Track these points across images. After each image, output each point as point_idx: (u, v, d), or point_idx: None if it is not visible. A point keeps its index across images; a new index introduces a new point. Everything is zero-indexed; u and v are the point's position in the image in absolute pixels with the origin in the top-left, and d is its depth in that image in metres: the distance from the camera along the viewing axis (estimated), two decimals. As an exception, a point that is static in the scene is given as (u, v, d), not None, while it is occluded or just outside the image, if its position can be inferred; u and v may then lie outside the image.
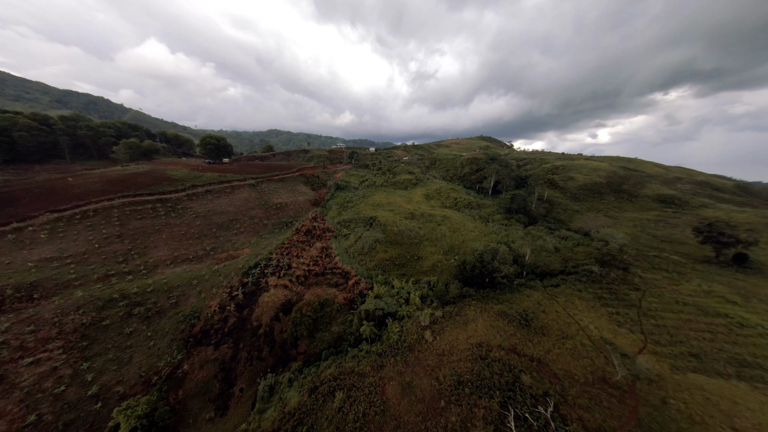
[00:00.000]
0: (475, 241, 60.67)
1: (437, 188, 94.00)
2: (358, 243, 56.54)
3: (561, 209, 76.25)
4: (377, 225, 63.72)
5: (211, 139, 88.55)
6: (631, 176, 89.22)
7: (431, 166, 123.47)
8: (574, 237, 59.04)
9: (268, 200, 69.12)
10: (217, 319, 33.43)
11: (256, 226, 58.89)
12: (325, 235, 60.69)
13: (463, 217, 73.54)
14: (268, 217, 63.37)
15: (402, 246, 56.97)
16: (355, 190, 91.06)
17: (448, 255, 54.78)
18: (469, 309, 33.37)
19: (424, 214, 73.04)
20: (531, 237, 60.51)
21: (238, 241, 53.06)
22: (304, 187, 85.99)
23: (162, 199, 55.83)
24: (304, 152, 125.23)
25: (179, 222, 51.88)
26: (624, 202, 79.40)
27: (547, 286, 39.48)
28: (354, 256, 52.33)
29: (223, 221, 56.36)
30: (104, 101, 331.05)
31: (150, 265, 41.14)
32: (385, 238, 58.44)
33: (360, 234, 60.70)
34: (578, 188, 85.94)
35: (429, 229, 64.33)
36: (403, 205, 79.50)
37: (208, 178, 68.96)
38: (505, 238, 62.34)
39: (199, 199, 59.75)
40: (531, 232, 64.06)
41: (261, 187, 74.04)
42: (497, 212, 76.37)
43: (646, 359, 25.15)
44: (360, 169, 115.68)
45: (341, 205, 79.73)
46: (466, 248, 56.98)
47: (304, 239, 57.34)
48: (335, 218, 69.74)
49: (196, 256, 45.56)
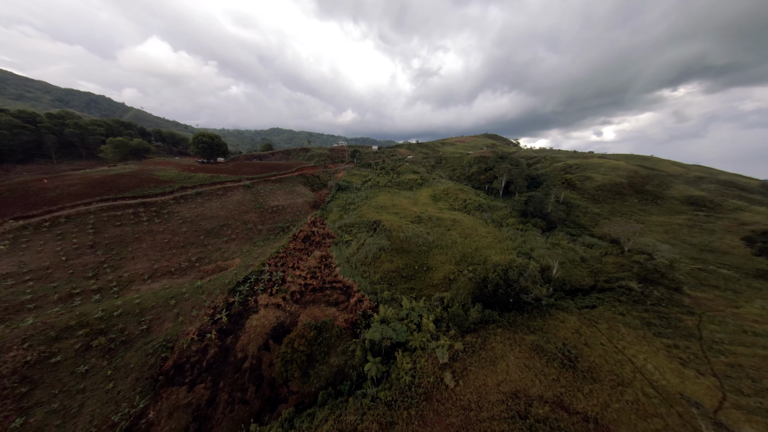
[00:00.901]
0: (489, 248, 54.72)
1: (444, 189, 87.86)
2: (361, 251, 50.84)
3: (580, 212, 69.87)
4: (381, 230, 57.95)
5: (203, 138, 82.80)
6: (654, 176, 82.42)
7: (437, 165, 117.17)
8: (600, 245, 52.77)
9: (263, 203, 63.53)
10: (194, 350, 27.94)
11: (249, 232, 53.35)
12: (325, 241, 55.04)
13: (474, 221, 67.47)
14: (263, 221, 57.80)
15: (409, 254, 51.18)
16: (358, 191, 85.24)
17: (461, 265, 48.92)
18: (495, 340, 27.56)
19: (431, 218, 67.12)
20: (552, 244, 54.38)
21: (228, 249, 47.54)
22: (304, 188, 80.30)
23: (146, 202, 50.39)
24: (304, 151, 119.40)
25: (163, 228, 46.42)
26: (649, 204, 72.81)
27: (581, 308, 33.51)
28: (356, 266, 46.65)
29: (213, 227, 50.85)
30: (105, 100, 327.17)
31: (124, 280, 35.73)
32: (391, 245, 52.68)
33: (363, 240, 54.99)
34: (596, 189, 79.37)
35: (438, 235, 58.44)
36: (408, 208, 73.59)
37: (199, 179, 63.46)
38: (522, 245, 56.28)
39: (187, 203, 54.27)
40: (551, 238, 57.91)
41: (256, 188, 68.45)
42: (511, 215, 70.19)
43: (734, 418, 19.27)
44: (362, 168, 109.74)
45: (342, 208, 74.00)
46: (480, 257, 51.10)
47: (301, 247, 51.73)
48: (336, 222, 64.07)
49: (179, 269, 40.09)
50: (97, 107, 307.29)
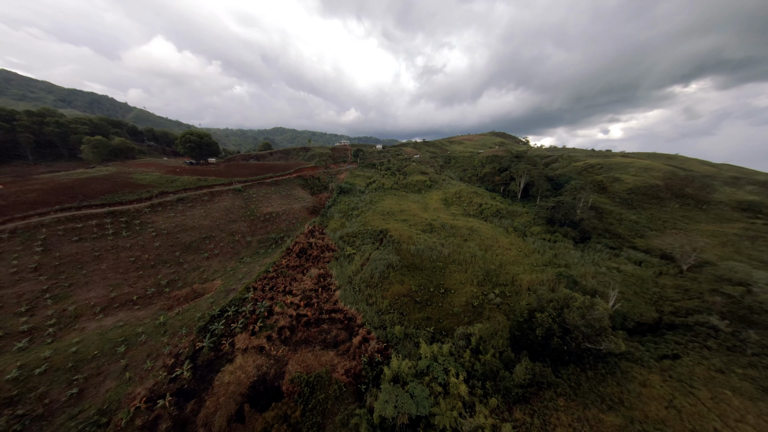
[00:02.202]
0: (515, 264, 46.17)
1: (456, 191, 79.17)
2: (366, 269, 42.66)
3: (614, 219, 60.77)
4: (389, 242, 49.68)
5: (191, 136, 74.84)
6: (694, 177, 72.76)
7: (445, 165, 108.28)
8: (651, 262, 43.85)
9: (255, 209, 55.57)
10: (139, 426, 20.09)
11: (236, 246, 45.43)
12: (324, 255, 46.94)
13: (493, 230, 58.85)
14: (253, 231, 49.85)
15: (422, 272, 42.87)
16: (361, 194, 76.98)
17: (485, 286, 40.51)
18: (559, 420, 19.21)
19: (445, 226, 58.64)
20: (593, 262, 45.61)
21: (208, 268, 39.68)
22: (302, 191, 72.24)
23: (115, 211, 42.70)
24: (304, 150, 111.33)
25: (131, 244, 38.69)
26: (692, 209, 63.42)
27: (660, 358, 24.91)
28: (360, 289, 38.49)
29: (193, 240, 43.02)
30: (108, 100, 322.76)
31: (67, 316, 27.99)
32: (400, 261, 44.39)
33: (368, 254, 46.80)
34: (629, 192, 70.04)
35: (454, 247, 49.99)
36: (418, 214, 65.18)
37: (182, 183, 55.70)
38: (554, 259, 47.61)
39: (165, 211, 46.50)
40: (588, 252, 49.07)
41: (248, 192, 60.53)
42: (535, 222, 61.40)
43: None
44: (366, 168, 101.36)
45: (345, 213, 65.85)
46: (507, 275, 42.62)
47: (296, 263, 43.70)
48: (337, 231, 55.95)
49: (144, 296, 32.28)
50: (99, 107, 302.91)
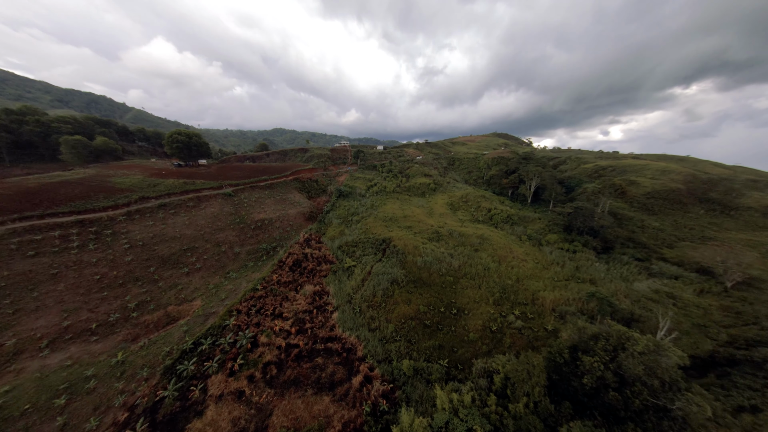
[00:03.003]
0: (534, 278, 41.09)
1: (463, 195, 74.11)
2: (368, 285, 37.53)
3: (635, 226, 55.74)
4: (393, 253, 44.57)
5: (179, 136, 69.39)
6: (717, 181, 67.78)
7: (449, 167, 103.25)
8: (687, 278, 38.78)
9: (246, 216, 50.40)
10: None
11: (222, 258, 40.27)
12: (321, 269, 41.79)
13: (505, 238, 53.76)
14: (242, 241, 44.68)
15: (431, 289, 37.75)
16: (362, 198, 71.91)
17: (503, 305, 35.41)
18: None
19: (453, 234, 53.56)
20: (622, 277, 40.49)
21: (188, 285, 34.50)
22: (298, 194, 67.10)
23: (85, 220, 37.51)
24: (302, 151, 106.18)
25: (98, 258, 33.48)
26: (719, 215, 58.42)
27: (737, 411, 19.85)
28: (361, 310, 33.35)
29: (173, 252, 37.84)
30: (106, 100, 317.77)
31: (3, 353, 22.78)
32: (406, 275, 39.29)
33: (369, 267, 41.69)
34: (647, 196, 65.06)
35: (464, 258, 44.91)
36: (423, 220, 60.11)
37: (166, 187, 50.51)
38: (576, 273, 42.54)
39: (144, 219, 41.32)
40: (614, 265, 43.94)
41: (239, 197, 55.36)
42: (549, 230, 56.32)
43: None
44: (367, 170, 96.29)
45: (344, 219, 60.75)
46: (526, 292, 37.55)
47: (288, 278, 38.51)
48: (336, 240, 50.82)
49: (104, 324, 27.08)
50: (97, 108, 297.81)
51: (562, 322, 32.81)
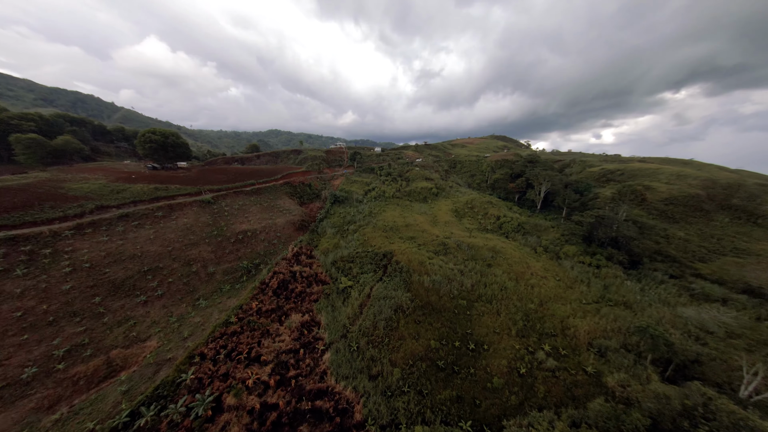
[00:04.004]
0: (559, 300, 35.18)
1: (468, 201, 68.27)
2: (367, 312, 31.05)
3: (658, 236, 50.49)
4: (395, 270, 38.20)
5: (153, 135, 61.31)
6: (738, 186, 63.31)
7: (450, 170, 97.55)
8: (737, 300, 33.29)
9: (225, 227, 43.47)
10: None
11: (191, 280, 33.32)
12: (311, 291, 35.13)
13: (519, 250, 47.89)
14: (218, 258, 37.77)
15: (441, 316, 31.48)
16: (359, 204, 65.46)
17: (528, 338, 29.35)
18: None
19: (461, 245, 47.48)
20: (660, 299, 34.78)
21: (143, 319, 27.52)
22: (289, 200, 60.32)
23: (18, 236, 30.21)
24: (295, 153, 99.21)
25: (25, 288, 26.29)
26: (745, 224, 53.63)
27: None
28: (359, 348, 26.85)
29: (128, 276, 30.78)
30: (94, 99, 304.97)
31: None
32: (412, 299, 32.98)
33: (369, 289, 35.21)
34: (665, 202, 60.12)
35: (477, 276, 38.83)
36: (427, 229, 53.93)
37: (133, 194, 43.30)
38: (604, 293, 36.80)
39: (97, 233, 34.15)
40: (648, 284, 38.30)
41: (220, 204, 48.36)
42: (566, 240, 50.65)
43: None
44: (364, 173, 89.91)
45: (339, 228, 54.20)
46: (554, 319, 31.59)
47: (271, 306, 31.75)
48: (329, 253, 44.24)
49: (14, 383, 20.02)
50: (84, 107, 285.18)
51: (603, 361, 26.92)
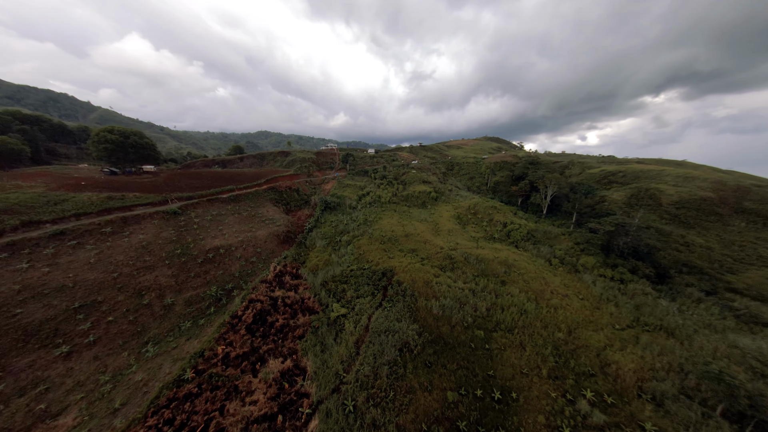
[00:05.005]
0: (589, 326, 29.87)
1: (470, 206, 62.96)
2: (365, 352, 24.64)
3: (678, 244, 46.49)
4: (397, 294, 31.96)
5: (109, 134, 51.53)
6: (748, 188, 60.65)
7: (449, 173, 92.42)
8: (792, 322, 29.06)
9: (193, 243, 36.07)
10: None
11: (141, 317, 25.99)
12: (295, 324, 28.38)
13: (533, 263, 42.62)
14: (180, 284, 30.44)
15: (456, 354, 25.46)
16: (353, 211, 59.00)
17: (564, 380, 23.67)
18: None
19: (468, 258, 41.80)
20: (701, 320, 29.99)
21: (61, 381, 20.12)
22: (273, 208, 53.16)
23: None
24: (282, 155, 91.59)
25: None
26: (762, 229, 50.52)
27: None
28: (356, 408, 20.34)
29: (48, 317, 23.22)
30: (68, 98, 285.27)
31: None
32: (419, 331, 26.87)
33: (366, 319, 28.83)
34: (676, 206, 56.65)
35: (491, 297, 33.11)
36: (429, 239, 48.02)
37: (77, 204, 35.30)
38: (636, 314, 31.82)
39: (15, 259, 26.32)
40: (684, 304, 33.61)
41: (189, 215, 40.83)
42: (582, 250, 45.81)
43: None
44: (357, 176, 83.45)
45: (330, 240, 47.56)
46: (588, 353, 26.15)
47: (243, 348, 24.81)
48: (319, 272, 37.54)
49: None
50: (56, 106, 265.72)
51: (662, 412, 21.61)
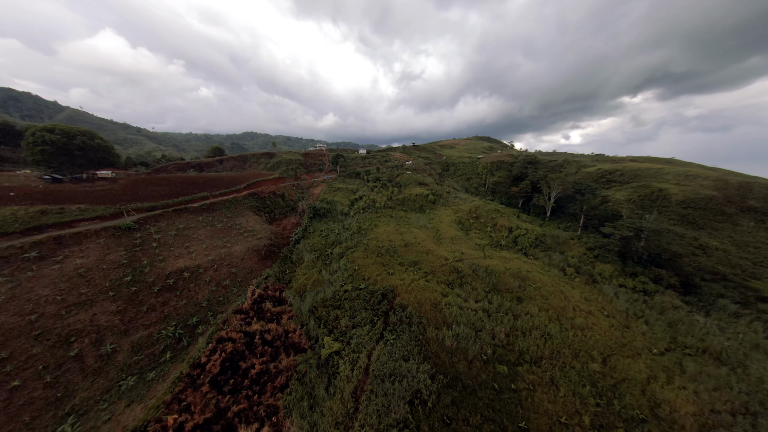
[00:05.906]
0: (622, 349, 25.53)
1: (471, 209, 58.48)
2: (367, 410, 19.02)
3: (692, 247, 43.65)
4: (402, 320, 26.54)
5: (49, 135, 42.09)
6: (750, 186, 59.34)
7: (444, 174, 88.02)
8: None
9: (149, 266, 29.23)
10: None
11: (63, 376, 19.27)
12: (276, 369, 22.37)
13: (547, 273, 38.32)
14: (129, 322, 23.78)
15: (479, 401, 20.29)
16: (345, 218, 53.18)
17: (610, 429, 19.07)
18: None
19: (477, 270, 36.96)
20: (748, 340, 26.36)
21: None
22: (254, 217, 46.54)
23: None
24: (267, 156, 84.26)
25: None
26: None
27: None
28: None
29: None
30: (31, 98, 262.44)
31: None
32: (431, 373, 21.53)
33: (366, 357, 23.20)
34: (682, 206, 54.42)
35: (509, 319, 28.31)
36: (432, 249, 42.90)
37: (-5, 222, 27.79)
38: (672, 332, 27.91)
39: None
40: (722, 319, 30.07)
41: (148, 229, 33.78)
42: (596, 257, 42.08)
43: None
44: (349, 179, 77.51)
45: (321, 252, 41.59)
46: (631, 386, 21.47)
47: (205, 415, 18.50)
48: (307, 295, 31.57)
49: None
50: (17, 106, 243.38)
51: (741, 475, 17.42)
